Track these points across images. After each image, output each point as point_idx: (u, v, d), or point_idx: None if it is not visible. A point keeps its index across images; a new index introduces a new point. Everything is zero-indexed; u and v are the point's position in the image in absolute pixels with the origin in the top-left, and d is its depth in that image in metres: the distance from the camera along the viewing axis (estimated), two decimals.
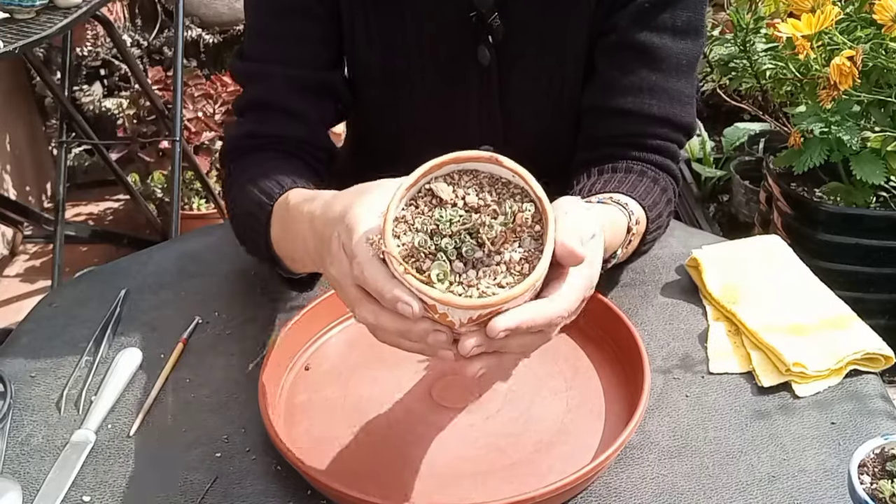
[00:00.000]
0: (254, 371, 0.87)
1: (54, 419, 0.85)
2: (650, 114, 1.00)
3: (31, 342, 0.96)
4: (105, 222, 2.91)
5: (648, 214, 0.94)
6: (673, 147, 1.03)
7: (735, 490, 0.74)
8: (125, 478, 0.78)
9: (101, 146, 2.44)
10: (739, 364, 0.88)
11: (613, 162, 1.00)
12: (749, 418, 0.82)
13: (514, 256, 0.63)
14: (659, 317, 0.95)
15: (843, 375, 0.85)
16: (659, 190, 0.98)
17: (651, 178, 0.99)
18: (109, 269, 1.13)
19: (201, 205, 2.64)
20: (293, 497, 0.75)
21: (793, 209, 1.81)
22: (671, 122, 1.01)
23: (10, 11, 1.70)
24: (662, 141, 1.02)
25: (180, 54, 2.21)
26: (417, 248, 0.63)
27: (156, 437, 0.83)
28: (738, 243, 1.04)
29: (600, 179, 0.97)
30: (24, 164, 2.80)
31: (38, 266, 2.71)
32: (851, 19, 1.58)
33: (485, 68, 1.04)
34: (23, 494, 0.75)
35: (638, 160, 1.00)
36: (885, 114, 1.60)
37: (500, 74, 1.04)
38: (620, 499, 0.74)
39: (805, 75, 1.61)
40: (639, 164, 1.00)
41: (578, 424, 0.81)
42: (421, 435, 0.80)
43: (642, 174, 0.99)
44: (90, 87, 2.79)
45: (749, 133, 2.37)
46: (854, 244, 1.75)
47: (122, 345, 0.94)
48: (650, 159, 1.01)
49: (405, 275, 0.61)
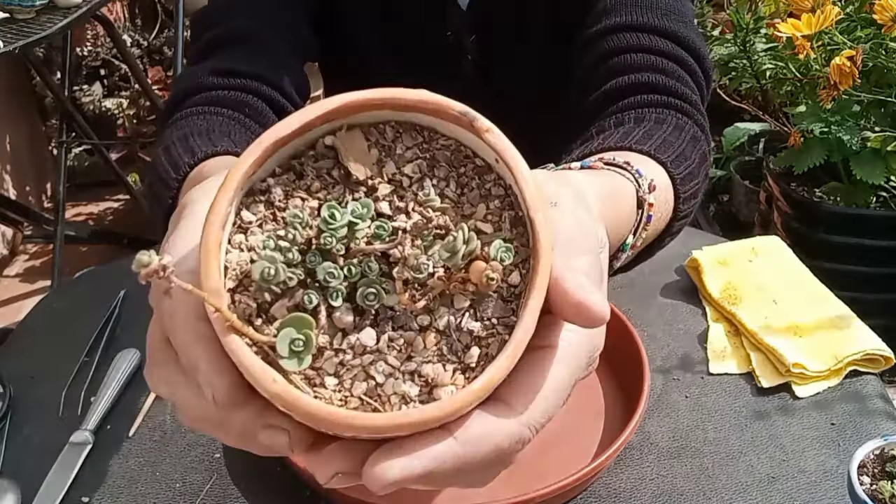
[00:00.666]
0: None
1: (53, 419, 0.85)
2: (621, 24, 0.85)
3: (31, 342, 0.96)
4: (105, 222, 2.91)
5: (673, 172, 0.66)
6: (667, 64, 0.83)
7: (735, 491, 0.74)
8: (125, 478, 0.78)
9: (101, 146, 2.44)
10: (739, 365, 0.88)
11: (618, 111, 0.79)
12: (749, 419, 0.82)
13: (464, 323, 0.36)
14: (659, 317, 0.95)
15: (842, 376, 0.85)
16: (688, 138, 0.72)
17: (673, 124, 0.74)
18: (109, 269, 1.13)
19: None
20: (293, 497, 0.75)
21: (793, 209, 1.81)
22: (653, 27, 0.84)
23: (10, 11, 1.70)
24: (647, 54, 0.82)
25: (180, 54, 2.21)
26: (265, 278, 0.35)
27: (155, 437, 0.82)
28: (738, 243, 1.04)
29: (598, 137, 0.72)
30: (24, 164, 2.80)
31: (38, 266, 2.71)
32: (851, 19, 1.58)
33: (470, 80, 1.04)
34: (22, 495, 0.75)
35: (648, 97, 0.78)
36: (885, 114, 1.60)
37: (484, 87, 1.05)
38: (620, 499, 0.74)
39: (805, 75, 1.61)
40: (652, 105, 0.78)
41: (577, 426, 0.81)
42: None
43: (659, 121, 0.74)
44: (90, 87, 2.79)
45: (749, 133, 2.37)
46: (854, 244, 1.75)
47: (122, 345, 0.94)
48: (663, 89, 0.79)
49: (228, 332, 0.35)
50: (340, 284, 0.35)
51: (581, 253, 0.40)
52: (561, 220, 0.41)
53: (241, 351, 0.35)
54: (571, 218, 0.42)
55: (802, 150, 1.66)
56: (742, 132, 2.38)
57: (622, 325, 0.87)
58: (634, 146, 0.67)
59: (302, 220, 0.35)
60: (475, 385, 0.35)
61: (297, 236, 0.35)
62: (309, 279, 0.35)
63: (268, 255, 0.35)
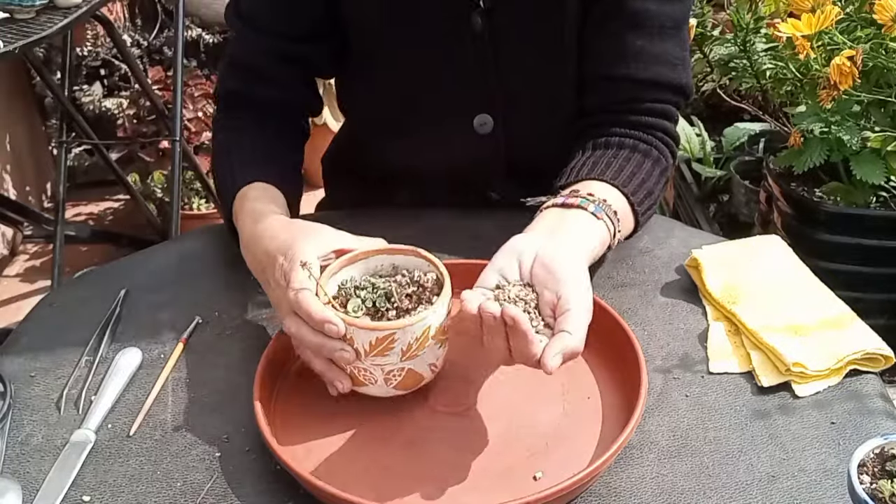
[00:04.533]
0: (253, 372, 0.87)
1: (54, 419, 0.85)
2: (637, 78, 1.04)
3: (31, 342, 0.96)
4: (105, 222, 2.91)
5: (632, 200, 0.97)
6: (665, 108, 1.06)
7: (735, 490, 0.74)
8: (125, 478, 0.78)
9: (101, 146, 2.44)
10: (739, 364, 0.88)
11: (607, 134, 1.04)
12: (749, 418, 0.82)
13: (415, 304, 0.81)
14: (659, 317, 0.95)
15: (842, 375, 0.85)
16: (650, 164, 1.02)
17: (643, 151, 1.02)
18: (109, 269, 1.13)
19: (201, 205, 2.64)
20: (293, 497, 0.75)
21: (793, 209, 1.81)
22: (659, 83, 1.04)
23: (10, 11, 1.70)
24: (652, 103, 1.05)
25: (180, 54, 2.21)
26: (340, 288, 0.82)
27: (156, 437, 0.83)
28: (738, 243, 1.04)
29: (589, 161, 1.00)
30: (24, 164, 2.80)
31: (38, 266, 2.71)
32: (851, 19, 1.58)
33: (478, 35, 1.04)
34: (22, 494, 0.75)
35: (630, 127, 1.04)
36: (885, 114, 1.60)
37: (493, 43, 1.05)
38: (620, 498, 0.74)
39: (805, 75, 1.61)
40: (630, 133, 1.03)
41: (575, 427, 0.81)
42: (417, 439, 0.80)
43: (634, 148, 1.02)
44: (90, 87, 2.79)
45: (749, 133, 2.37)
46: (854, 244, 1.75)
47: (122, 345, 0.94)
48: (642, 122, 1.04)
49: (328, 305, 0.78)
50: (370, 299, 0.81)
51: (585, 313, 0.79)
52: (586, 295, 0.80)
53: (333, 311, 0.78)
54: (587, 292, 0.81)
55: (802, 150, 1.66)
56: (742, 132, 2.38)
57: (618, 325, 0.87)
58: (610, 178, 0.97)
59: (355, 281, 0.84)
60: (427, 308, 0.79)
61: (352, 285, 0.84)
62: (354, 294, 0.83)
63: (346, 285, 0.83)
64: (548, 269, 0.80)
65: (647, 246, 1.06)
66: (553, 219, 0.90)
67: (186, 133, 2.50)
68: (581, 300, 0.78)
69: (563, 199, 0.92)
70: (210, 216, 2.60)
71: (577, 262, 0.83)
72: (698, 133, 2.40)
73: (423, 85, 1.10)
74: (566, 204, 0.91)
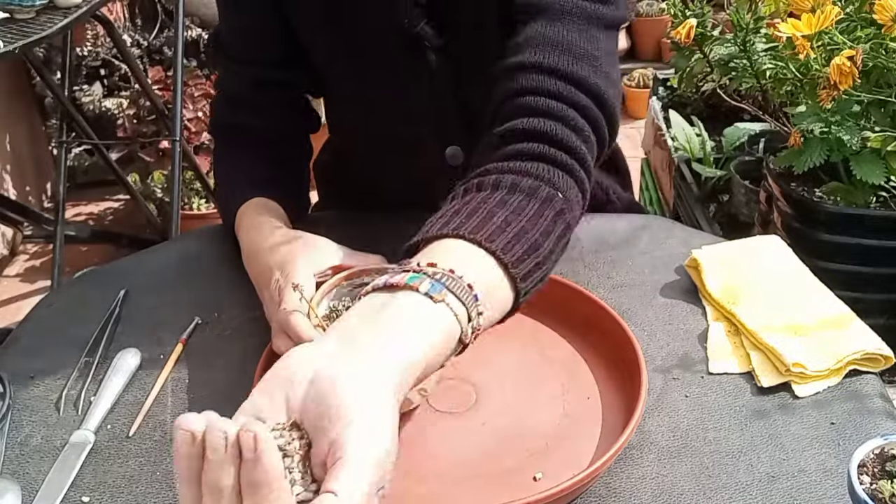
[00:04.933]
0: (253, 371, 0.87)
1: (53, 419, 0.85)
2: (532, 63, 0.86)
3: (31, 342, 0.96)
4: (105, 222, 2.91)
5: (505, 261, 0.70)
6: (567, 111, 0.84)
7: (735, 490, 0.74)
8: (125, 478, 0.78)
9: (101, 146, 2.45)
10: (739, 364, 0.88)
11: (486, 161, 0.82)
12: (749, 418, 0.82)
13: None
14: (658, 317, 0.95)
15: (842, 375, 0.85)
16: (536, 206, 0.76)
17: (526, 189, 0.77)
18: (109, 269, 1.13)
19: (201, 205, 2.65)
20: None
21: (793, 209, 1.81)
22: (560, 72, 0.84)
23: (10, 11, 1.70)
24: (549, 99, 0.84)
25: (180, 54, 2.21)
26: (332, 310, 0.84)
27: (155, 437, 0.82)
28: (738, 243, 1.04)
29: (450, 209, 0.75)
30: (24, 164, 2.80)
31: (38, 266, 2.71)
32: (851, 19, 1.57)
33: (434, 72, 1.04)
34: (22, 495, 0.75)
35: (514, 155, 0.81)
36: (885, 114, 1.60)
37: (450, 78, 1.04)
38: (620, 499, 0.74)
39: (805, 75, 1.61)
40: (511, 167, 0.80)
41: (575, 428, 0.81)
42: (417, 440, 0.80)
43: (513, 187, 0.77)
44: (90, 87, 2.79)
45: (749, 133, 2.37)
46: (854, 244, 1.75)
47: (122, 345, 0.94)
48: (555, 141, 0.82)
49: (318, 327, 0.80)
50: None
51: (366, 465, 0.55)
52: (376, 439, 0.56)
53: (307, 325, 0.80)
54: (381, 433, 0.57)
55: (802, 150, 1.66)
56: (742, 132, 2.38)
57: (618, 326, 0.87)
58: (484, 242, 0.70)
59: None
60: None
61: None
62: None
63: None
64: (322, 401, 0.56)
65: (647, 246, 1.06)
66: (368, 311, 0.64)
67: (186, 133, 2.50)
68: (362, 445, 0.54)
69: (385, 279, 0.66)
70: (210, 216, 2.61)
71: (373, 385, 0.58)
72: (698, 133, 2.40)
73: (389, 120, 1.11)
74: (389, 285, 0.65)
